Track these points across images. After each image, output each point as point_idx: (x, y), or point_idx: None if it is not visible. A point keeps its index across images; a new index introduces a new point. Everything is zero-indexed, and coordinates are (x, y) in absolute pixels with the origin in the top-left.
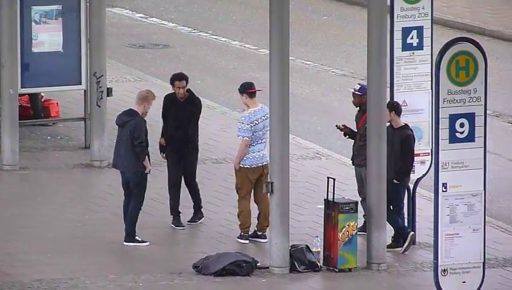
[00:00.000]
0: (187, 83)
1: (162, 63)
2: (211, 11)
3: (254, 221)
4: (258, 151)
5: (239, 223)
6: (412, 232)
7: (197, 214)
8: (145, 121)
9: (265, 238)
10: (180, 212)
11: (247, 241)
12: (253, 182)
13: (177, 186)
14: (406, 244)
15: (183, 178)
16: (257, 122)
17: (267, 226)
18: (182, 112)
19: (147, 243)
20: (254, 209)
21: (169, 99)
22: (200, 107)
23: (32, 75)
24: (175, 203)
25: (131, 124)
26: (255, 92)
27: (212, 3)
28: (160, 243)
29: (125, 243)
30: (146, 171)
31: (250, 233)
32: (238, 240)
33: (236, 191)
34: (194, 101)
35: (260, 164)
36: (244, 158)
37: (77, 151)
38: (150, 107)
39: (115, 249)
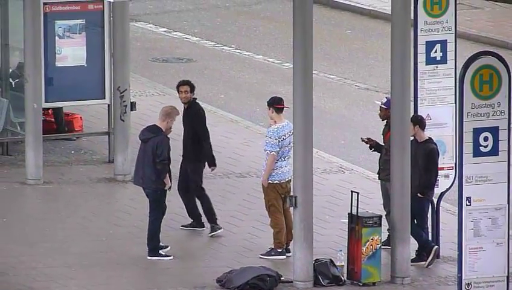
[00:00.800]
0: (192, 90)
1: (186, 77)
2: (235, 25)
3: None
4: (286, 166)
5: (277, 241)
6: (436, 246)
7: (212, 226)
8: (169, 139)
9: (289, 252)
10: (199, 217)
11: (285, 257)
12: (282, 197)
13: (182, 191)
14: (429, 258)
15: None
16: (284, 138)
17: (291, 240)
18: (184, 120)
19: (171, 257)
20: None
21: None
22: (200, 115)
23: (56, 89)
24: (186, 207)
25: (154, 141)
26: (283, 108)
27: (236, 17)
28: (184, 257)
29: (149, 258)
30: (166, 188)
31: (271, 247)
32: (265, 257)
33: (268, 209)
34: (194, 108)
35: (287, 179)
36: (273, 174)
37: (101, 166)
38: (173, 123)
39: (138, 263)
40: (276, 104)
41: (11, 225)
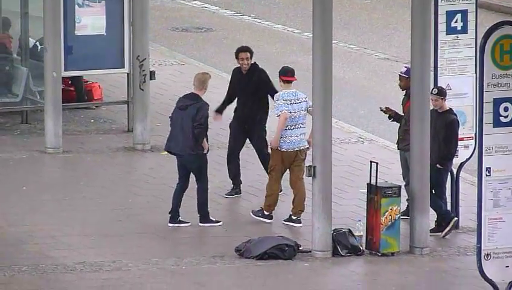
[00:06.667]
0: (251, 56)
1: (205, 46)
2: None
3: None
4: (296, 136)
5: (266, 203)
6: (456, 218)
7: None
8: (209, 105)
9: (300, 223)
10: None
11: (271, 221)
12: (286, 166)
13: (234, 157)
14: (447, 229)
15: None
16: (291, 102)
17: (302, 211)
18: (245, 87)
19: (221, 223)
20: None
21: (236, 73)
22: (265, 78)
23: (75, 58)
24: (233, 174)
25: (195, 107)
26: (291, 81)
27: None
28: (203, 227)
29: (200, 224)
30: (205, 152)
31: (285, 218)
32: (253, 215)
33: (269, 173)
34: (256, 73)
35: (297, 148)
36: (281, 142)
37: (120, 135)
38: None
39: (157, 233)
40: (283, 76)
41: (30, 194)
